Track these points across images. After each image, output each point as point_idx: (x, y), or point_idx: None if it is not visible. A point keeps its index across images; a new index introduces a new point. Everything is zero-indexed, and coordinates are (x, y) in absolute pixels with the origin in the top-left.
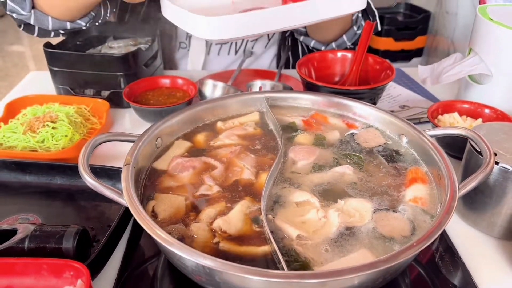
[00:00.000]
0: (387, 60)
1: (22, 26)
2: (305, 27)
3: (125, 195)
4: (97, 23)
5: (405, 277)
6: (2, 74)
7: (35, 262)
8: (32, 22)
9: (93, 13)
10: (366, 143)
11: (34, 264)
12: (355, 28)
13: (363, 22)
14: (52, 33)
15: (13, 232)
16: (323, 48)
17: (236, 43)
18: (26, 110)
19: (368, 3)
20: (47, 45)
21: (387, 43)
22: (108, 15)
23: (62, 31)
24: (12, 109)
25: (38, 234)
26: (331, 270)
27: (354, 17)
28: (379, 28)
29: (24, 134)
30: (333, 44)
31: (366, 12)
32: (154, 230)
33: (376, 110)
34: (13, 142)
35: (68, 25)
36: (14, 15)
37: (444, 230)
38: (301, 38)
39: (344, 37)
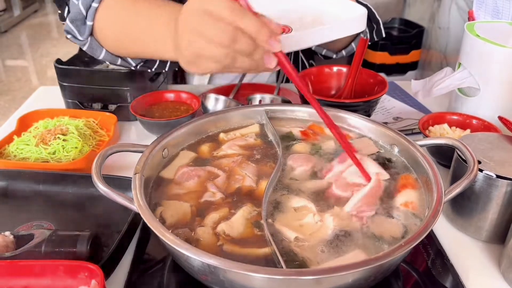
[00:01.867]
0: (380, 74)
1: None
2: None
3: (135, 201)
4: (149, 70)
5: (398, 280)
6: (5, 89)
7: (52, 263)
8: (85, 49)
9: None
10: (360, 151)
11: (50, 266)
12: (362, 35)
13: (367, 29)
14: None
15: (30, 237)
16: (334, 56)
17: None
18: (38, 123)
19: (372, 12)
20: (58, 61)
21: (382, 57)
22: (165, 68)
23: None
24: (25, 123)
25: (54, 238)
26: (327, 267)
27: None
28: (383, 35)
29: (36, 146)
30: (343, 52)
31: (371, 21)
32: (164, 233)
33: (369, 122)
34: (26, 154)
35: (119, 61)
36: (69, 36)
37: (434, 235)
38: (313, 46)
39: (353, 44)
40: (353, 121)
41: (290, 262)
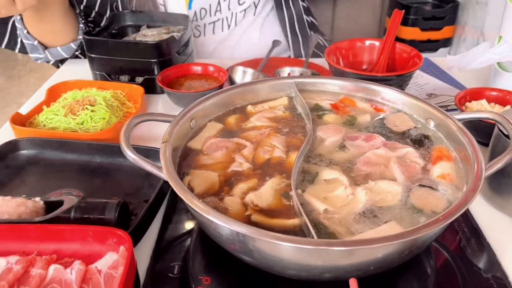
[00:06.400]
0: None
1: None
2: None
3: (164, 169)
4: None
5: (430, 258)
6: (35, 66)
7: (81, 228)
8: (51, 58)
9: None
10: (396, 127)
11: (80, 231)
12: None
13: None
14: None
15: (60, 203)
16: None
17: (227, 18)
18: (67, 94)
19: None
20: (86, 33)
21: (413, 33)
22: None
23: (77, 52)
24: (54, 93)
25: (83, 205)
26: (360, 239)
27: None
28: None
29: (65, 116)
30: None
31: None
32: (193, 201)
33: (404, 95)
34: (55, 124)
35: (73, 45)
36: (39, 61)
37: (470, 213)
38: None
39: None
40: (386, 95)
41: (320, 234)
